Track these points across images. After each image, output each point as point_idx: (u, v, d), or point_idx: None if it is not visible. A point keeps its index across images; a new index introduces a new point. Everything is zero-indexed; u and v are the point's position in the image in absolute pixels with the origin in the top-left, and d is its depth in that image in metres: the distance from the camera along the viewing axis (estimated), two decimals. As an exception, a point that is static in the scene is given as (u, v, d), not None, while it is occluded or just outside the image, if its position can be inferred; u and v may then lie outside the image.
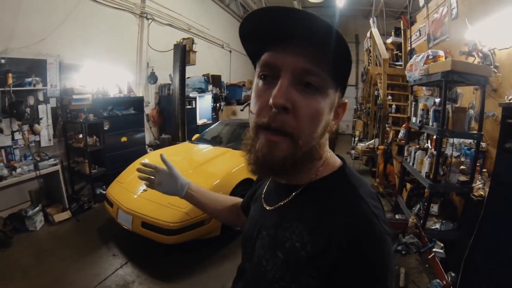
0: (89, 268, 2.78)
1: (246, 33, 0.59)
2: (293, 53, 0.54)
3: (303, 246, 0.56)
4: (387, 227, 0.55)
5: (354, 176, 0.63)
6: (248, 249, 0.73)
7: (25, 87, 3.50)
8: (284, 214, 0.64)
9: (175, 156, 4.01)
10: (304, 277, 0.55)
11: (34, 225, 3.39)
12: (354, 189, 0.59)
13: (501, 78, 2.84)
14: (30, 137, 3.64)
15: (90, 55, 4.55)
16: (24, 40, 3.59)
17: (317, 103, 0.55)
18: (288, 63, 0.54)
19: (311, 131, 0.56)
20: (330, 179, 0.63)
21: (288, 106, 0.52)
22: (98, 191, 4.34)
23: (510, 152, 2.06)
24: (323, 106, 0.56)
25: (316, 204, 0.60)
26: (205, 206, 1.05)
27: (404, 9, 7.74)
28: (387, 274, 0.52)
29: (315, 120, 0.55)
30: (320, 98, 0.55)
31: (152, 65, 6.17)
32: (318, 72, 0.54)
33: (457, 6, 3.78)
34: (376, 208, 0.57)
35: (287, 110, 0.53)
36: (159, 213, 2.82)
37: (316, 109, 0.55)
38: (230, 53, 10.11)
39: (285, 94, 0.52)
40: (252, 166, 0.59)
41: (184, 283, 2.65)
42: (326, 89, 0.55)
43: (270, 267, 0.61)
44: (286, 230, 0.61)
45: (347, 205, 0.56)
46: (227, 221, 1.10)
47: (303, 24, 0.51)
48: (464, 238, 2.44)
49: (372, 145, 5.97)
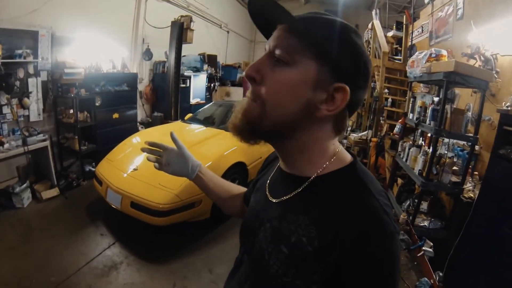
0: (76, 247, 2.75)
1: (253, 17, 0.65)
2: (274, 36, 0.60)
3: (310, 241, 0.55)
4: (396, 225, 0.54)
5: (364, 172, 0.62)
6: (249, 241, 0.71)
7: (15, 59, 3.34)
8: (289, 206, 0.63)
9: (167, 136, 3.92)
10: (309, 273, 0.54)
11: (21, 202, 3.32)
12: (364, 185, 0.58)
13: (501, 84, 2.86)
14: (19, 111, 3.51)
15: (84, 28, 4.37)
16: (16, 10, 3.41)
17: (283, 75, 0.57)
18: (270, 42, 0.60)
19: (279, 100, 0.57)
20: (339, 173, 0.61)
21: (256, 77, 0.58)
22: (88, 168, 4.26)
23: (503, 158, 2.10)
24: (291, 77, 0.56)
25: (324, 198, 0.58)
26: (211, 191, 1.01)
27: (408, 3, 7.63)
28: (395, 273, 0.51)
29: (282, 90, 0.57)
30: (287, 72, 0.56)
31: (147, 42, 6.03)
32: (286, 47, 0.56)
33: (463, 7, 3.74)
34: (386, 205, 0.55)
35: (257, 81, 0.58)
36: (149, 194, 2.79)
37: (281, 80, 0.57)
38: (227, 34, 9.94)
39: (253, 66, 0.59)
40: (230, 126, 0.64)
41: (172, 266, 2.65)
42: (297, 64, 0.56)
43: (273, 261, 0.60)
44: (292, 224, 0.59)
45: (357, 201, 0.55)
46: (229, 210, 1.05)
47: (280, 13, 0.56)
48: (451, 237, 2.51)
49: (365, 136, 5.98)
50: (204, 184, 1.00)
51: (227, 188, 1.03)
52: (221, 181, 1.04)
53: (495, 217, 2.03)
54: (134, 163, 3.22)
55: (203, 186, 1.00)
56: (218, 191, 1.01)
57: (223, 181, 1.04)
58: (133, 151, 3.49)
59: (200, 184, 1.00)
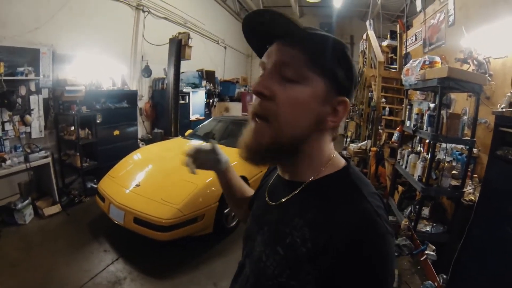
0: (79, 264, 2.74)
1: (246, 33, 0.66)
2: (275, 49, 0.61)
3: (303, 242, 0.56)
4: (389, 227, 0.55)
5: (357, 176, 0.64)
6: (249, 245, 0.73)
7: (17, 77, 3.41)
8: (286, 210, 0.65)
9: (168, 152, 3.98)
10: (303, 274, 0.55)
11: (23, 219, 3.33)
12: (357, 188, 0.59)
13: (495, 87, 2.90)
14: (21, 128, 3.56)
15: (84, 46, 4.46)
16: (18, 28, 3.51)
17: (295, 91, 0.58)
18: (271, 58, 0.61)
19: (292, 119, 0.59)
20: (333, 177, 0.63)
21: (266, 93, 0.58)
22: (89, 185, 4.28)
23: (501, 159, 2.11)
24: (304, 95, 0.58)
25: (318, 202, 0.60)
26: (230, 187, 1.02)
27: (400, 13, 7.80)
28: (387, 275, 0.51)
29: (295, 107, 0.58)
30: (299, 87, 0.58)
31: (146, 59, 6.12)
32: (293, 62, 0.58)
33: (454, 13, 3.84)
34: (379, 207, 0.56)
35: (267, 97, 0.58)
36: (151, 209, 2.80)
37: (294, 97, 0.58)
38: (225, 49, 10.09)
39: (262, 82, 0.59)
40: (240, 150, 0.64)
41: (176, 280, 2.64)
42: (307, 81, 0.58)
43: (270, 262, 0.61)
44: (287, 226, 0.61)
45: (350, 204, 0.56)
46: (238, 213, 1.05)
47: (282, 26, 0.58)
48: (453, 241, 2.50)
49: (364, 146, 5.99)
50: (228, 178, 1.01)
51: (243, 189, 1.04)
52: (241, 181, 1.05)
53: (496, 218, 2.04)
54: (136, 179, 3.24)
55: (227, 180, 1.01)
56: (236, 190, 1.02)
57: (242, 182, 1.06)
58: (135, 168, 3.52)
59: (224, 179, 1.01)
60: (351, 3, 9.03)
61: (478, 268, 2.04)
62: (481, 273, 2.02)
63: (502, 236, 1.89)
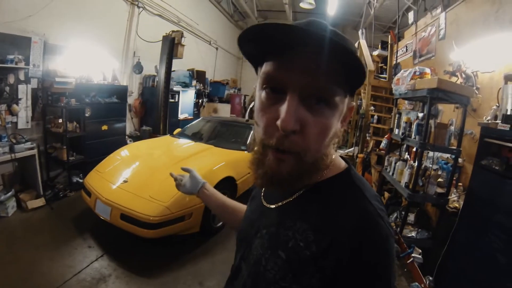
0: (63, 259, 2.67)
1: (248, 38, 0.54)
2: (299, 68, 0.51)
3: (307, 245, 0.55)
4: (392, 229, 0.55)
5: (358, 178, 0.63)
6: (245, 248, 0.71)
7: (6, 64, 3.31)
8: (286, 212, 0.64)
9: (156, 150, 3.96)
10: (306, 278, 0.54)
11: (5, 211, 3.23)
12: (359, 191, 0.59)
13: (481, 100, 3.02)
14: (7, 118, 3.46)
15: (76, 38, 4.38)
16: (10, 15, 3.42)
17: (326, 119, 0.54)
18: (295, 79, 0.51)
19: (318, 146, 0.56)
20: (335, 180, 0.62)
21: (297, 128, 0.51)
22: (75, 180, 4.19)
23: (485, 169, 2.20)
24: (332, 121, 0.55)
25: (321, 204, 0.59)
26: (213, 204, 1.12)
27: (392, 24, 8.00)
28: (390, 276, 0.51)
29: (323, 135, 0.55)
30: (329, 113, 0.54)
31: (138, 55, 6.06)
32: (326, 87, 0.52)
33: (445, 28, 3.97)
34: (381, 210, 0.56)
35: (297, 132, 0.52)
36: (139, 206, 2.76)
37: (325, 125, 0.54)
38: (216, 50, 10.09)
39: (293, 116, 0.50)
40: (260, 180, 0.59)
41: (162, 279, 2.60)
42: (335, 100, 0.54)
43: (270, 266, 0.60)
44: (289, 229, 0.60)
45: (353, 206, 0.56)
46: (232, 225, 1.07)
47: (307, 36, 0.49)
48: (438, 246, 2.58)
49: (351, 152, 6.10)
50: (207, 198, 1.12)
51: (229, 204, 1.09)
52: (223, 197, 1.12)
53: (479, 224, 2.12)
54: (124, 175, 3.20)
55: (207, 200, 1.12)
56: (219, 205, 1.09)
57: (225, 198, 1.12)
58: (123, 164, 3.47)
59: (204, 198, 1.13)
60: (345, 12, 9.19)
61: (461, 271, 2.11)
62: (464, 276, 2.09)
63: (484, 242, 1.97)
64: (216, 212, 1.12)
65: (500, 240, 1.89)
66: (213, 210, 1.13)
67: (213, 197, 1.11)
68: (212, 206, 1.11)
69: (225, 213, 1.08)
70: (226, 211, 1.07)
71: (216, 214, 1.16)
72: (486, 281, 1.91)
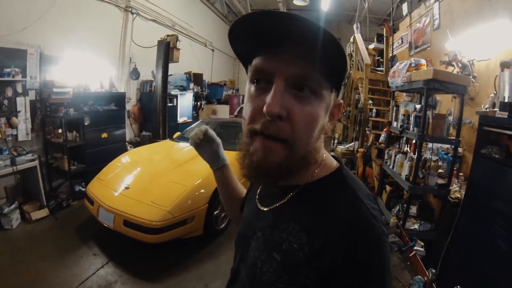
0: (69, 268, 2.68)
1: (238, 33, 0.57)
2: (286, 58, 0.53)
3: (301, 247, 0.55)
4: (385, 228, 0.55)
5: (351, 177, 0.63)
6: (243, 251, 0.72)
7: (3, 78, 3.33)
8: (280, 215, 0.64)
9: (157, 155, 3.97)
10: (302, 279, 0.54)
11: (10, 223, 3.25)
12: (351, 191, 0.59)
13: (478, 88, 3.00)
14: (7, 131, 3.47)
15: (72, 47, 4.40)
16: (5, 28, 3.43)
17: (312, 108, 0.54)
18: (281, 68, 0.53)
19: (307, 137, 0.56)
20: (327, 180, 0.62)
21: (283, 114, 0.52)
22: (77, 189, 4.20)
23: (485, 158, 2.19)
24: (319, 111, 0.55)
25: (313, 205, 0.59)
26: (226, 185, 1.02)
27: (387, 16, 7.98)
28: (384, 275, 0.51)
29: (310, 125, 0.55)
30: (315, 103, 0.55)
31: (134, 61, 6.07)
32: (311, 76, 0.53)
33: (439, 18, 3.95)
34: (373, 209, 0.56)
35: (283, 118, 0.52)
36: (141, 212, 2.77)
37: (311, 114, 0.54)
38: (212, 52, 10.09)
39: (279, 101, 0.51)
40: (246, 170, 0.58)
41: (167, 283, 2.62)
42: (321, 92, 0.55)
43: (266, 268, 0.60)
44: (283, 231, 0.60)
45: (346, 206, 0.56)
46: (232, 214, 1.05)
47: (295, 27, 0.50)
48: (441, 238, 2.57)
49: (351, 147, 6.08)
50: (224, 177, 1.01)
51: (238, 190, 1.03)
52: (237, 181, 1.04)
53: (481, 213, 2.11)
54: (125, 182, 3.21)
55: (223, 178, 1.01)
56: (231, 189, 1.02)
57: (238, 184, 1.04)
58: (124, 170, 3.48)
59: (220, 176, 1.01)
60: (338, 7, 9.18)
61: (465, 262, 2.11)
62: (468, 267, 2.09)
63: (487, 230, 1.96)
64: (223, 199, 1.05)
65: (502, 228, 1.88)
66: (222, 196, 1.05)
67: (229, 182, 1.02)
68: (222, 191, 1.03)
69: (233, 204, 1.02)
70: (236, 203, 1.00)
71: (223, 202, 1.07)
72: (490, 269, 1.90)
